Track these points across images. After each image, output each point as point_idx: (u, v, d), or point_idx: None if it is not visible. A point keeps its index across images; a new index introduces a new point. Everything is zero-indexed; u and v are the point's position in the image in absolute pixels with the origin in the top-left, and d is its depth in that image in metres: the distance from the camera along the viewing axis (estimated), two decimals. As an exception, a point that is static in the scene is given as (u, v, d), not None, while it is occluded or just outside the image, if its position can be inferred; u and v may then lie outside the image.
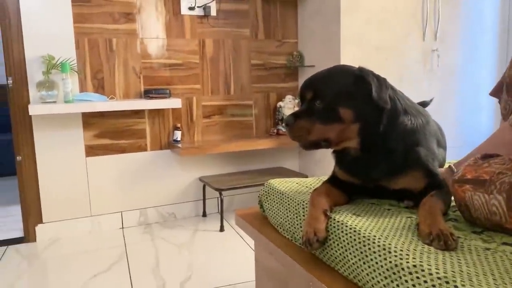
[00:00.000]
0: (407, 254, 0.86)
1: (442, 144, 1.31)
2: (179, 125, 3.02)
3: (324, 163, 3.10)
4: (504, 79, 1.24)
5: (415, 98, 1.31)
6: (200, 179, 3.10)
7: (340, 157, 1.21)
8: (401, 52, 2.98)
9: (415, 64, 3.04)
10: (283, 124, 1.15)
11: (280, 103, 3.26)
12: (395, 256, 0.87)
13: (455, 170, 1.15)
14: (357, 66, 1.15)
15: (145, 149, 2.97)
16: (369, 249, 0.94)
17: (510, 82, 1.20)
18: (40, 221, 2.77)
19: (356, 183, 1.20)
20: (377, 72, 1.17)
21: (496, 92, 1.29)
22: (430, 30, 3.05)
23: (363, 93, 1.09)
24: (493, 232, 0.95)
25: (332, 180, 1.26)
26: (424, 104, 1.47)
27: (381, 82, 1.11)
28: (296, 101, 3.25)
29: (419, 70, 3.07)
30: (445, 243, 0.88)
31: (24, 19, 2.58)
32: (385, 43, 2.91)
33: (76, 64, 2.70)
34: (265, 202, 1.49)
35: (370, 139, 1.11)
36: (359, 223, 1.03)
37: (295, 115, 1.12)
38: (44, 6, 2.61)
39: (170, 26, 2.95)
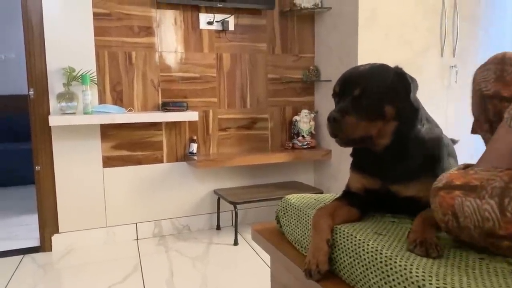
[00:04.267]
0: (430, 276, 0.85)
1: (452, 154, 1.34)
2: (195, 137, 3.04)
3: (339, 177, 3.08)
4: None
5: (433, 115, 1.32)
6: (215, 191, 3.10)
7: (360, 155, 1.22)
8: (419, 68, 2.97)
9: (433, 81, 3.03)
10: (327, 123, 1.13)
11: (296, 117, 3.26)
12: (417, 277, 0.86)
13: None
14: (393, 65, 1.19)
15: (161, 161, 2.99)
16: (391, 269, 0.93)
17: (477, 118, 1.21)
18: (57, 231, 2.79)
19: (370, 190, 1.20)
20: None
21: (475, 130, 1.28)
22: (448, 46, 3.04)
23: (403, 91, 1.12)
24: (481, 244, 0.92)
25: (344, 196, 1.27)
26: (452, 141, 1.48)
27: (415, 82, 1.15)
28: (312, 115, 3.25)
29: (437, 87, 3.05)
30: (426, 250, 0.93)
31: (47, 32, 2.64)
32: (403, 58, 2.90)
33: (96, 76, 2.75)
34: (282, 218, 1.48)
35: (401, 137, 1.14)
36: (380, 242, 1.02)
37: (341, 111, 1.09)
38: (67, 19, 2.67)
39: (188, 40, 2.98)
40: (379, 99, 1.10)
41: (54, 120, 2.52)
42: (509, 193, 0.85)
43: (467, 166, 0.99)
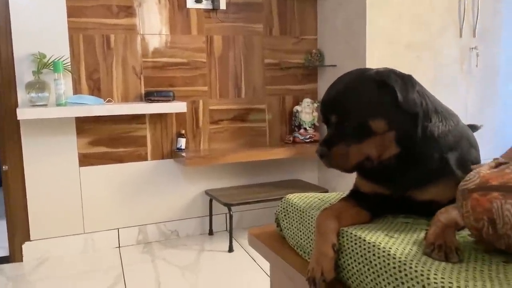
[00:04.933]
0: (450, 282, 0.85)
1: (473, 144, 1.32)
2: (183, 131, 3.04)
3: (346, 175, 3.08)
4: None
5: (451, 103, 1.31)
6: (207, 192, 3.10)
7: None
8: (435, 51, 2.97)
9: (451, 64, 3.03)
10: (317, 156, 1.15)
11: (297, 107, 3.26)
12: (436, 283, 0.86)
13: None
14: (374, 69, 1.16)
15: (145, 158, 2.99)
16: (406, 275, 0.93)
17: None
18: (28, 239, 2.79)
19: (381, 194, 1.21)
20: (408, 73, 1.18)
21: None
22: (468, 26, 3.04)
23: (389, 98, 1.10)
24: None
25: (352, 195, 1.27)
26: (473, 127, 1.47)
27: (406, 81, 1.12)
28: (315, 105, 3.25)
29: (456, 71, 3.05)
30: (446, 255, 0.93)
31: (13, 14, 2.62)
32: (417, 40, 2.91)
33: (69, 63, 2.73)
34: (283, 220, 1.49)
35: (408, 144, 1.13)
36: (393, 246, 1.03)
37: (326, 143, 1.12)
38: (36, -2, 2.66)
39: (174, 21, 2.97)
40: (361, 118, 1.10)
41: (22, 113, 2.51)
42: None
43: (499, 164, 0.98)
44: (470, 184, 0.95)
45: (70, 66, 2.73)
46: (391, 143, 1.13)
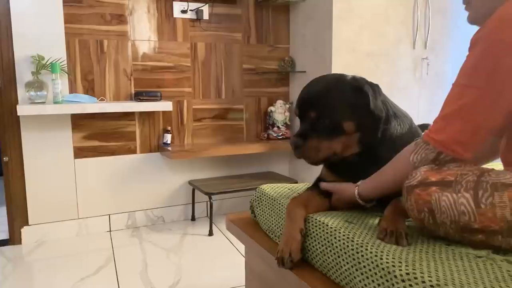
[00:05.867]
0: (399, 262, 0.87)
1: None
2: (169, 128, 3.01)
3: (313, 168, 3.10)
4: None
5: (405, 105, 1.33)
6: (190, 182, 3.09)
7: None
8: (391, 59, 3.01)
9: (405, 72, 3.08)
10: (291, 147, 1.15)
11: (271, 108, 3.27)
12: (387, 263, 0.88)
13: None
14: (350, 75, 1.17)
15: (134, 152, 2.95)
16: (362, 256, 0.95)
17: None
18: (26, 223, 2.73)
19: None
20: (368, 79, 1.19)
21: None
22: (420, 39, 3.09)
23: (361, 103, 1.11)
24: (456, 239, 0.94)
25: (316, 185, 1.29)
26: (425, 126, 1.50)
27: (375, 90, 1.14)
28: (287, 106, 3.26)
29: (409, 78, 3.10)
30: (396, 240, 0.96)
31: (14, 18, 2.55)
32: (376, 50, 2.94)
33: (66, 65, 2.68)
34: (257, 208, 1.49)
35: (368, 144, 1.15)
36: (352, 230, 1.04)
37: (302, 135, 1.13)
38: (35, 6, 2.59)
39: (162, 28, 2.94)
40: (337, 117, 1.11)
41: (22, 110, 2.45)
42: (482, 186, 0.87)
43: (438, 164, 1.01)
44: (413, 181, 0.97)
45: (66, 68, 2.68)
46: (355, 143, 1.14)
